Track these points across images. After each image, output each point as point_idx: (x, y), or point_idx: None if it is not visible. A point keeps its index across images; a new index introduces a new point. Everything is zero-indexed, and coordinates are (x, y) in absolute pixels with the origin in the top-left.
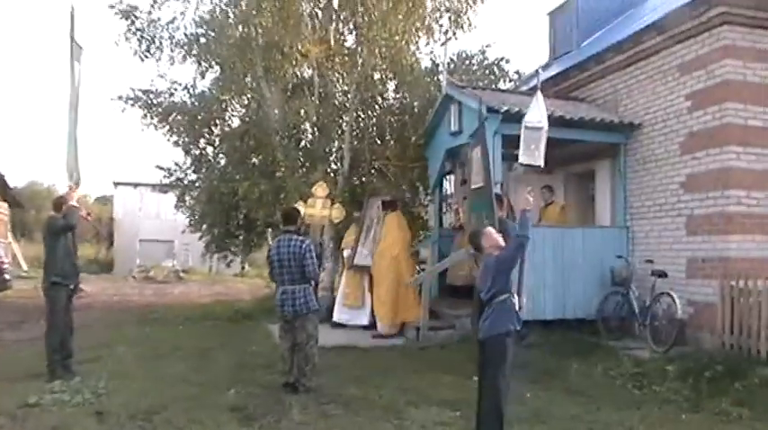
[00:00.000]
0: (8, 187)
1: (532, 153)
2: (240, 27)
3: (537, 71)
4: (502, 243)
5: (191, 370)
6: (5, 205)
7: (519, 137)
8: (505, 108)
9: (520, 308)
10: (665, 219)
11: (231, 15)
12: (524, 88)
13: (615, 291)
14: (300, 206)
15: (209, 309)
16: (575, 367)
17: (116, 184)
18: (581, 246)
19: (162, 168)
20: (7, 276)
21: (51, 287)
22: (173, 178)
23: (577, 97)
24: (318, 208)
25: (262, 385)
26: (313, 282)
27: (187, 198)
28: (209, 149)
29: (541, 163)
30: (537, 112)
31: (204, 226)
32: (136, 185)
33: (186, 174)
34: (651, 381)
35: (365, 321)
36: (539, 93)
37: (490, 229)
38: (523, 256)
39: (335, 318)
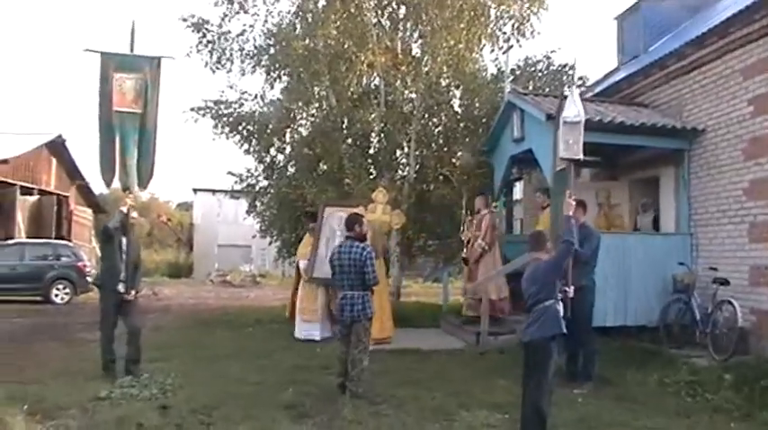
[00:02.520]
0: (93, 193)
1: (572, 147)
2: (306, 39)
3: (573, 67)
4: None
5: (253, 370)
6: (89, 211)
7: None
8: None
9: (564, 314)
10: (729, 226)
11: (297, 28)
12: (590, 95)
13: (677, 299)
14: (361, 212)
15: (280, 312)
16: (629, 374)
17: (195, 191)
18: (643, 252)
19: (234, 175)
20: (89, 279)
21: (100, 290)
22: (244, 184)
23: (642, 103)
24: (379, 213)
25: (318, 385)
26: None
27: (258, 203)
28: (280, 157)
29: (581, 156)
30: (574, 108)
31: (274, 231)
32: (214, 192)
33: (258, 181)
34: (705, 390)
35: (317, 336)
36: (573, 88)
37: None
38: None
39: (296, 334)
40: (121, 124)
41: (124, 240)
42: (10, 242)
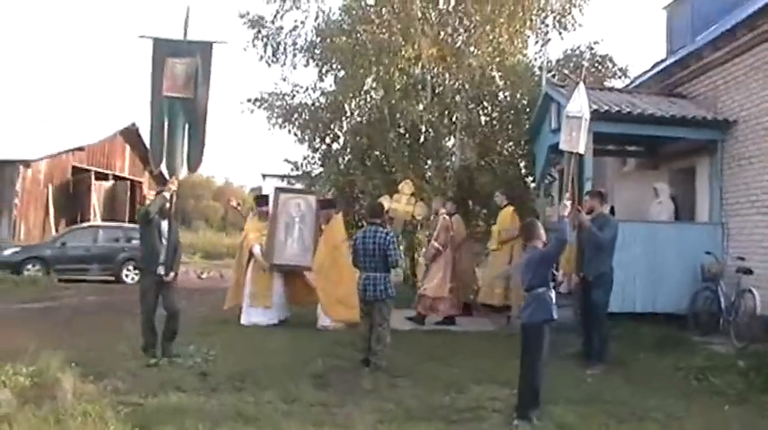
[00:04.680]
0: (167, 179)
1: (572, 140)
2: (352, 35)
3: (582, 66)
4: (544, 239)
5: (290, 343)
6: None
7: (612, 135)
8: (594, 107)
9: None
10: (756, 217)
11: (344, 24)
12: (634, 85)
13: (705, 287)
14: (386, 200)
15: None
16: (645, 358)
17: (264, 176)
18: (674, 241)
19: (290, 162)
20: None
21: (140, 273)
22: (300, 172)
23: (680, 93)
24: (403, 203)
25: (346, 359)
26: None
27: (312, 189)
28: (335, 145)
29: (581, 150)
30: (578, 103)
31: None
32: (282, 177)
33: (312, 168)
34: (714, 375)
35: (275, 320)
36: (581, 84)
37: (541, 226)
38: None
39: (244, 320)
40: (171, 109)
41: (164, 223)
42: (84, 225)
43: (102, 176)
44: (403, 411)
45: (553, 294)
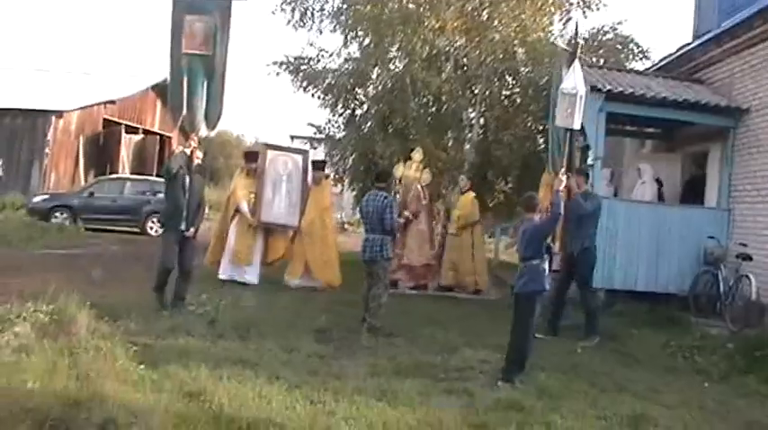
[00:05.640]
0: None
1: (568, 117)
2: (379, 3)
3: (577, 43)
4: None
5: (299, 300)
6: None
7: (628, 115)
8: (608, 87)
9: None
10: (760, 205)
11: None
12: (653, 69)
13: (706, 271)
14: (400, 168)
15: (353, 256)
16: (639, 335)
17: (292, 138)
18: (678, 224)
19: (314, 125)
20: None
21: (162, 227)
22: (323, 135)
23: (699, 79)
24: (413, 170)
25: (349, 317)
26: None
27: (334, 153)
28: (357, 111)
29: (576, 126)
30: (572, 80)
31: (346, 181)
32: (309, 139)
33: (335, 132)
34: (701, 354)
35: (255, 280)
36: (576, 62)
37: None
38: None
39: (221, 274)
40: (190, 66)
41: (188, 179)
42: (112, 176)
43: (132, 130)
44: (394, 366)
45: (546, 266)
